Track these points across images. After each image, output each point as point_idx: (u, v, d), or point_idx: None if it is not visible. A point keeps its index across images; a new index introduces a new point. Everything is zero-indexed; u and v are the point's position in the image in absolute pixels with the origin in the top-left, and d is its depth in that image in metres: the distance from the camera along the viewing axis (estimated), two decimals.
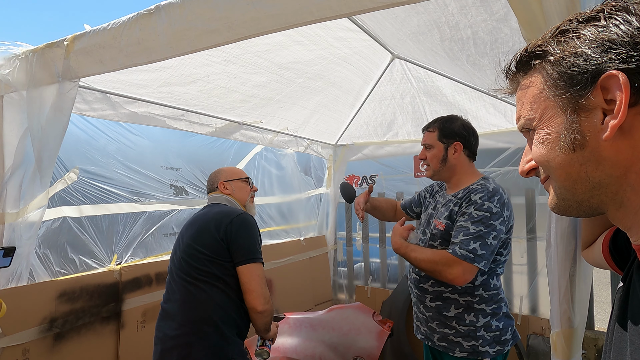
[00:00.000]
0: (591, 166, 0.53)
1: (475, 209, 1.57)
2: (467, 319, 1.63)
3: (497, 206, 1.57)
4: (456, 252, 1.52)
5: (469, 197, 1.62)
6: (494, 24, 1.84)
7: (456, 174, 1.74)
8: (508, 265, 3.14)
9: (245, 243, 1.66)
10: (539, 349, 2.73)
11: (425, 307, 1.74)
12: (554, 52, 0.55)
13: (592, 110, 0.52)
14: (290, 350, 1.99)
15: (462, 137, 1.72)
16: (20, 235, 1.78)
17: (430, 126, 1.78)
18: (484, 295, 1.64)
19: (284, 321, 2.10)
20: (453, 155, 1.72)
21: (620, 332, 0.55)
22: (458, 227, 1.58)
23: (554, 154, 0.56)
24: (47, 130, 1.73)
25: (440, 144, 1.73)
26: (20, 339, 1.83)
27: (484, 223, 1.54)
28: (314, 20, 1.24)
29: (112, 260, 2.32)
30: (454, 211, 1.65)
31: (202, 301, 1.64)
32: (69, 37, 1.67)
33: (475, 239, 1.52)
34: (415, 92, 3.08)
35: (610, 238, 0.86)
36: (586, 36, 0.51)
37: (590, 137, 0.52)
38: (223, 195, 1.89)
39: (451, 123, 1.74)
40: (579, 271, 1.10)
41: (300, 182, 3.88)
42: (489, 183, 1.66)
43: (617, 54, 0.49)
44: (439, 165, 1.74)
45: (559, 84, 0.54)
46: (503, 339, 1.63)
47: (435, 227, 1.70)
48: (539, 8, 0.97)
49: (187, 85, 2.33)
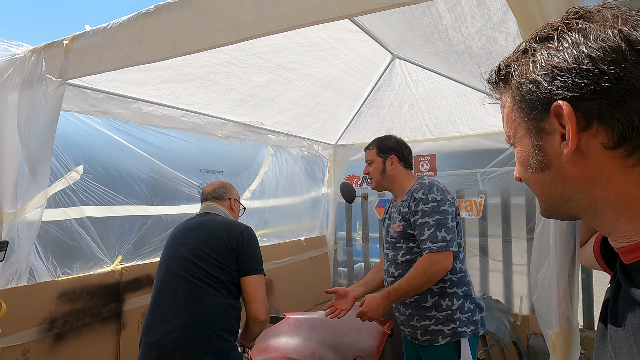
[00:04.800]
0: (559, 184, 0.56)
1: (424, 204, 1.78)
2: (443, 305, 1.78)
3: (438, 194, 1.80)
4: (432, 248, 1.71)
5: (412, 197, 1.83)
6: (489, 33, 1.88)
7: (396, 182, 1.98)
8: (508, 265, 3.14)
9: (254, 255, 1.76)
10: (539, 349, 2.73)
11: (405, 305, 1.87)
12: (515, 75, 0.56)
13: (552, 134, 0.53)
14: (290, 350, 1.99)
15: (396, 151, 1.99)
16: (19, 235, 1.78)
17: (370, 145, 2.06)
18: (452, 278, 1.80)
19: (284, 321, 2.10)
20: (390, 167, 1.98)
21: (602, 331, 0.56)
22: (419, 226, 1.78)
23: (528, 173, 0.59)
24: (35, 129, 1.72)
25: (379, 158, 2.00)
26: (20, 339, 1.83)
27: (436, 212, 1.75)
28: (315, 21, 1.24)
29: (116, 261, 2.32)
30: (404, 212, 1.85)
31: (207, 304, 1.64)
32: (68, 37, 1.67)
33: (438, 228, 1.73)
34: (414, 99, 3.09)
35: (601, 239, 0.86)
36: (539, 61, 0.52)
37: (553, 159, 0.54)
38: (226, 212, 1.94)
39: (387, 140, 2.03)
40: (577, 271, 1.10)
41: (305, 182, 3.87)
42: (424, 180, 1.90)
43: (564, 82, 0.50)
44: (380, 177, 2.00)
45: (522, 107, 0.56)
46: (474, 319, 1.81)
47: (394, 230, 1.91)
48: (537, 8, 0.97)
49: (186, 82, 2.34)
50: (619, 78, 0.47)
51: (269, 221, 3.50)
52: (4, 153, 1.75)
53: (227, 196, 1.98)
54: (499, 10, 1.74)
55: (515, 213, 3.14)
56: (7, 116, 1.76)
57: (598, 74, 0.47)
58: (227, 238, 1.72)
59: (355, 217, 4.05)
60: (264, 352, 2.02)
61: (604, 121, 0.49)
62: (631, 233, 0.52)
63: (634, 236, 0.52)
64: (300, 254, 3.64)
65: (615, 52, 0.47)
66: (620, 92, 0.47)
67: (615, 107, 0.48)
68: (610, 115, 0.48)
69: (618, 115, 0.48)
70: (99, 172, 2.30)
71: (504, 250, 3.16)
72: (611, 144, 0.49)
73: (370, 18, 2.13)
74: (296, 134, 3.51)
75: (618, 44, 0.47)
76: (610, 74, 0.47)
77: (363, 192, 3.90)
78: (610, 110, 0.48)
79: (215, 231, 1.75)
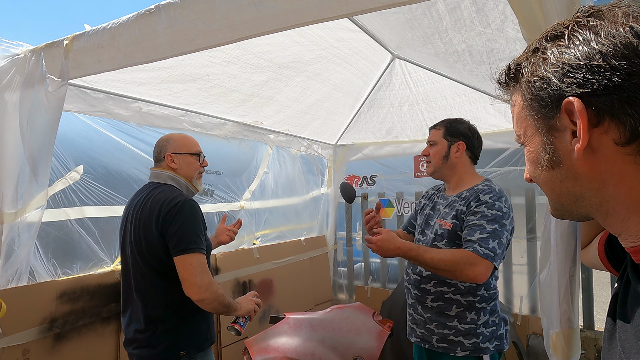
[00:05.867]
0: (570, 182, 0.55)
1: (488, 208, 1.58)
2: (468, 317, 1.65)
3: (505, 206, 1.61)
4: (477, 250, 1.51)
5: (477, 197, 1.63)
6: (489, 35, 1.87)
7: (457, 173, 1.76)
8: (508, 265, 3.14)
9: (178, 233, 1.58)
10: (539, 349, 2.73)
11: (425, 308, 1.74)
12: (525, 74, 0.56)
13: (563, 131, 0.53)
14: (290, 350, 1.99)
15: (466, 138, 1.75)
16: (19, 235, 1.78)
17: (438, 125, 1.82)
18: (485, 294, 1.66)
19: (284, 321, 2.09)
20: (455, 154, 1.74)
21: (611, 330, 0.55)
22: (472, 226, 1.58)
23: (539, 172, 0.59)
24: (37, 129, 1.72)
25: (445, 141, 1.76)
26: (20, 339, 1.83)
27: (497, 222, 1.56)
28: (314, 20, 1.24)
29: (116, 261, 2.32)
30: (461, 210, 1.65)
31: (155, 296, 1.66)
32: (68, 37, 1.67)
33: (492, 237, 1.53)
34: (414, 98, 3.09)
35: (605, 239, 0.86)
36: (549, 59, 0.52)
37: (564, 156, 0.54)
38: (166, 172, 1.76)
39: (458, 124, 1.78)
40: (578, 271, 1.10)
41: (305, 182, 3.87)
42: (495, 185, 1.69)
43: (575, 78, 0.49)
44: (441, 162, 1.76)
45: (533, 105, 0.56)
46: (499, 333, 1.67)
47: (441, 227, 1.70)
48: (539, 8, 0.97)
49: (187, 83, 2.34)
50: (631, 74, 0.46)
51: (269, 221, 3.50)
52: (5, 153, 1.75)
53: (162, 155, 1.77)
54: (497, 18, 1.75)
55: (515, 213, 3.08)
56: (8, 116, 1.76)
57: (610, 70, 0.47)
58: (155, 224, 1.61)
59: (355, 217, 4.05)
60: (264, 352, 2.02)
61: (616, 117, 0.48)
62: None
63: None
64: (300, 254, 3.64)
65: (627, 48, 0.47)
66: (633, 88, 0.47)
67: (627, 103, 0.47)
68: (622, 111, 0.48)
69: (630, 111, 0.47)
70: (99, 172, 2.30)
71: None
72: (623, 140, 0.49)
73: (370, 18, 2.13)
74: (296, 134, 3.51)
75: (629, 40, 0.47)
76: (622, 69, 0.47)
77: (363, 192, 3.90)
78: (622, 106, 0.48)
79: (146, 217, 1.64)
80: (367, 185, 3.92)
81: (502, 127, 3.09)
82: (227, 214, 2.47)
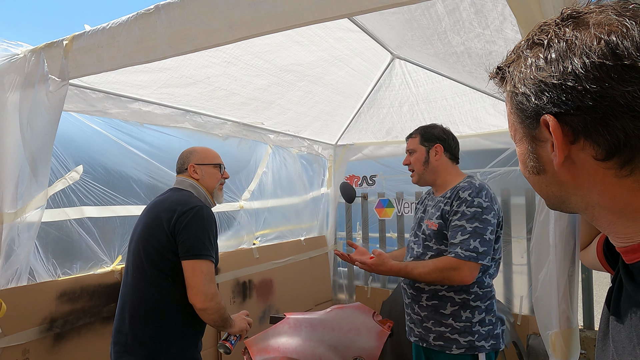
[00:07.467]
0: (555, 187, 0.56)
1: (467, 207, 1.64)
2: (463, 316, 1.68)
3: (486, 200, 1.65)
4: (459, 254, 1.58)
5: (457, 195, 1.68)
6: (488, 37, 1.88)
7: (440, 176, 1.83)
8: (508, 265, 3.14)
9: (192, 237, 1.60)
10: (539, 349, 2.73)
11: (421, 307, 1.77)
12: (508, 83, 0.57)
13: (545, 142, 0.54)
14: (290, 350, 1.99)
15: (442, 140, 1.83)
16: (19, 235, 1.78)
17: (413, 133, 1.90)
18: (478, 292, 1.70)
19: (284, 321, 2.09)
20: (435, 157, 1.82)
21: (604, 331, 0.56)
22: (454, 227, 1.64)
23: (527, 174, 0.60)
24: (37, 129, 1.72)
25: (422, 147, 1.84)
26: (20, 339, 1.83)
27: (477, 219, 1.61)
28: (314, 20, 1.24)
29: (116, 261, 2.32)
30: (445, 210, 1.71)
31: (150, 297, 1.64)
32: (68, 37, 1.67)
33: (473, 237, 1.59)
34: (414, 99, 3.09)
35: (604, 240, 0.86)
36: (528, 73, 0.53)
37: (547, 165, 0.55)
38: (189, 180, 1.82)
39: (431, 128, 1.87)
40: (576, 271, 1.10)
41: (305, 182, 3.87)
42: (475, 180, 1.74)
43: (550, 98, 0.50)
44: (422, 168, 1.84)
45: (517, 114, 0.57)
46: (495, 332, 1.70)
47: (428, 227, 1.77)
48: (537, 9, 0.97)
49: (188, 86, 2.34)
50: (603, 96, 0.47)
51: (269, 221, 3.50)
52: (5, 153, 1.76)
53: (185, 166, 1.85)
54: (495, 19, 1.75)
55: (515, 213, 3.14)
56: (8, 116, 1.76)
57: (582, 92, 0.47)
58: (166, 222, 1.63)
59: (355, 217, 4.05)
60: (264, 352, 2.02)
61: (590, 137, 0.49)
62: (631, 234, 0.52)
63: (635, 237, 0.52)
64: (300, 254, 3.64)
65: (599, 70, 0.46)
66: (604, 109, 0.47)
67: (599, 124, 0.48)
68: (595, 132, 0.48)
69: (603, 131, 0.48)
70: (99, 172, 2.30)
71: (504, 250, 3.15)
72: (601, 157, 0.49)
73: (370, 18, 2.13)
74: (296, 134, 3.51)
75: (602, 62, 0.46)
76: (593, 92, 0.47)
77: (363, 192, 3.90)
78: (595, 127, 0.48)
79: (158, 214, 1.66)
80: (367, 185, 3.92)
81: (502, 127, 3.09)
82: (226, 213, 2.47)
